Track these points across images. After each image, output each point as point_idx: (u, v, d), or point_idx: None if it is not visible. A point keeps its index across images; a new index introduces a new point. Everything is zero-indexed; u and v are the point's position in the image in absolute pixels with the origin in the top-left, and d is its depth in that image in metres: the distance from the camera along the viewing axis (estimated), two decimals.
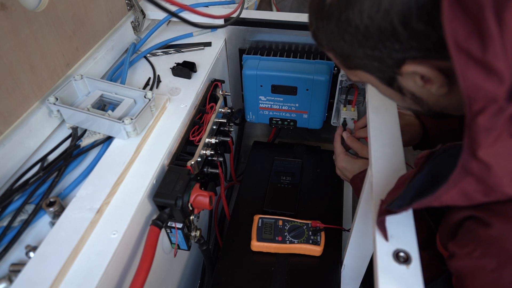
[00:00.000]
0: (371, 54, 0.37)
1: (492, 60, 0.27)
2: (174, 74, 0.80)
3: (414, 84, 0.39)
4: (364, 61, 0.39)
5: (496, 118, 0.29)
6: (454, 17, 0.28)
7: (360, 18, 0.34)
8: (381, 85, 0.43)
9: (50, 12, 0.61)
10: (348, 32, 0.36)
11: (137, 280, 0.47)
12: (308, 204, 0.84)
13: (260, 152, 1.00)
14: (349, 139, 0.78)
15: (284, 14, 0.91)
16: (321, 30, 0.40)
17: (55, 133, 0.66)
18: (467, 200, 0.34)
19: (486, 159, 0.30)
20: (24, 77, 0.58)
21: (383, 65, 0.38)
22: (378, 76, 0.41)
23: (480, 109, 0.29)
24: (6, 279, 0.46)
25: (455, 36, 0.28)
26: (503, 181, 0.31)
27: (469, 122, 0.30)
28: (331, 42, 0.40)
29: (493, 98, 0.28)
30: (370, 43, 0.36)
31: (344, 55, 0.41)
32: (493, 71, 0.27)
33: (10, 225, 0.50)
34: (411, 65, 0.36)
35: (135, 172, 0.59)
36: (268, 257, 0.74)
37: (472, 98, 0.29)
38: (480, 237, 0.37)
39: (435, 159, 0.40)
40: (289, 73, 0.85)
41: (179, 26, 0.97)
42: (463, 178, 0.32)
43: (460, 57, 0.28)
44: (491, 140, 0.29)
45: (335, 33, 0.38)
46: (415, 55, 0.35)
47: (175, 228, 0.63)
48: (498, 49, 0.26)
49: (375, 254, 0.41)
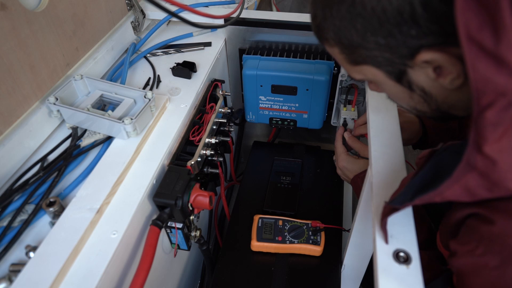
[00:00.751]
0: (384, 42, 0.35)
1: (505, 52, 0.26)
2: (174, 74, 0.80)
3: (426, 77, 0.37)
4: (374, 53, 0.37)
5: (504, 113, 0.28)
6: (467, 8, 0.27)
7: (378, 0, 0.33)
8: (388, 81, 0.41)
9: (50, 12, 0.61)
10: (362, 17, 0.35)
11: (137, 280, 0.47)
12: (308, 204, 0.84)
13: (260, 152, 1.00)
14: (351, 139, 0.78)
15: (284, 14, 0.91)
16: (329, 19, 0.38)
17: (55, 133, 0.66)
18: (470, 195, 0.33)
19: (491, 154, 0.30)
20: (24, 77, 0.58)
21: (395, 56, 0.37)
22: (387, 70, 0.39)
23: (488, 103, 0.28)
24: (6, 279, 0.46)
25: (467, 27, 0.27)
26: (507, 177, 0.31)
27: (476, 116, 0.29)
28: (339, 32, 0.38)
29: (502, 91, 0.28)
30: (384, 29, 0.34)
31: (352, 47, 0.39)
32: (505, 63, 0.27)
33: (10, 225, 0.50)
34: (427, 53, 0.34)
35: (135, 172, 0.59)
36: (268, 257, 0.74)
37: (481, 91, 0.28)
38: (482, 234, 0.37)
39: (437, 156, 0.39)
40: (289, 73, 0.85)
41: (179, 26, 0.97)
42: (467, 173, 0.32)
43: (471, 49, 0.28)
44: (498, 135, 0.29)
45: (345, 20, 0.36)
46: (431, 42, 0.33)
47: (175, 228, 0.63)
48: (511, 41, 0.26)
49: (375, 254, 0.41)
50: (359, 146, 0.76)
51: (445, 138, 0.73)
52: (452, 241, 0.41)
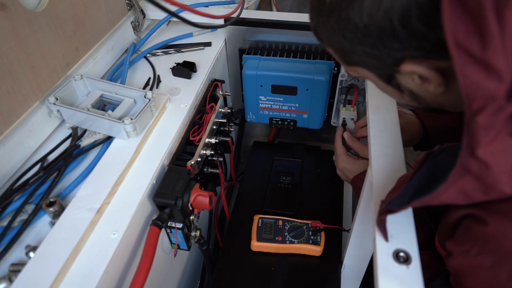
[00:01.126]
0: (370, 52, 0.37)
1: (492, 58, 0.27)
2: (174, 74, 0.80)
3: (412, 82, 0.39)
4: (363, 58, 0.39)
5: (495, 116, 0.29)
6: (454, 16, 0.28)
7: (360, 16, 0.34)
8: (379, 82, 0.43)
9: (50, 12, 0.61)
10: (348, 30, 0.36)
11: (137, 280, 0.47)
12: (308, 204, 0.84)
13: (260, 152, 1.00)
14: (350, 139, 0.78)
15: (284, 14, 0.91)
16: (321, 25, 0.40)
17: (55, 133, 0.66)
18: (466, 198, 0.34)
19: (484, 157, 0.30)
20: (24, 77, 0.58)
21: (381, 63, 0.38)
22: (376, 73, 0.41)
23: (479, 107, 0.29)
24: (6, 279, 0.46)
25: (455, 35, 0.28)
26: (501, 180, 0.31)
27: (468, 120, 0.30)
28: (330, 38, 0.40)
29: (492, 96, 0.28)
30: (369, 41, 0.36)
31: (343, 51, 0.41)
32: (493, 69, 0.27)
33: (10, 225, 0.50)
34: (409, 65, 0.36)
35: (135, 172, 0.59)
36: (268, 257, 0.74)
37: (472, 96, 0.29)
38: (477, 235, 0.37)
39: (433, 158, 0.40)
40: (289, 73, 0.85)
41: (179, 26, 0.97)
42: (462, 176, 0.32)
43: (459, 56, 0.28)
44: (490, 138, 0.29)
45: (335, 29, 0.38)
46: (414, 55, 0.35)
47: (175, 228, 0.63)
48: (498, 48, 0.26)
49: (375, 254, 0.41)
50: (358, 146, 0.76)
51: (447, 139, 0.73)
52: (448, 242, 0.42)
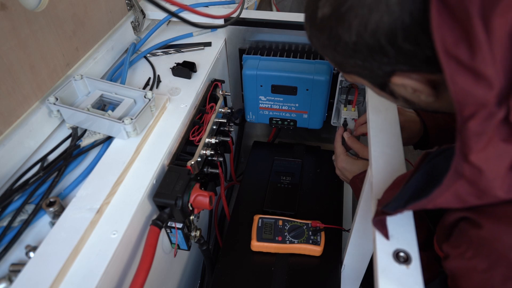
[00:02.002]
0: (362, 64, 0.38)
1: (481, 66, 0.27)
2: (174, 74, 0.80)
3: (405, 91, 0.40)
4: (356, 69, 0.40)
5: (486, 122, 0.29)
6: (442, 24, 0.28)
7: (349, 35, 0.35)
8: (374, 88, 0.44)
9: (50, 12, 0.61)
10: (339, 46, 0.38)
11: (137, 280, 0.47)
12: (308, 204, 0.84)
13: (260, 152, 1.00)
14: (350, 139, 0.78)
15: (284, 14, 0.91)
16: (315, 38, 0.41)
17: (55, 133, 0.66)
18: (461, 202, 0.34)
19: (477, 163, 0.30)
20: (24, 77, 0.58)
21: (373, 74, 0.39)
22: (370, 81, 0.42)
23: (470, 114, 0.29)
24: (6, 279, 0.46)
25: (444, 43, 0.29)
26: (494, 185, 0.31)
27: (460, 126, 0.30)
28: (323, 50, 0.41)
29: (483, 103, 0.28)
30: (360, 56, 0.37)
31: (337, 62, 0.42)
32: (482, 76, 0.27)
33: (10, 225, 0.50)
34: (399, 78, 0.37)
35: (135, 172, 0.59)
36: (268, 257, 0.74)
37: (463, 103, 0.29)
38: (471, 238, 0.37)
39: (430, 160, 0.40)
40: (289, 73, 0.85)
41: (179, 26, 0.97)
42: (456, 180, 0.33)
43: (449, 63, 0.29)
44: (482, 144, 0.30)
45: (326, 44, 0.39)
46: (403, 69, 0.36)
47: (175, 228, 0.63)
48: (486, 55, 0.27)
49: (375, 254, 0.41)
50: (358, 146, 0.76)
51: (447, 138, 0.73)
52: (445, 244, 0.42)
